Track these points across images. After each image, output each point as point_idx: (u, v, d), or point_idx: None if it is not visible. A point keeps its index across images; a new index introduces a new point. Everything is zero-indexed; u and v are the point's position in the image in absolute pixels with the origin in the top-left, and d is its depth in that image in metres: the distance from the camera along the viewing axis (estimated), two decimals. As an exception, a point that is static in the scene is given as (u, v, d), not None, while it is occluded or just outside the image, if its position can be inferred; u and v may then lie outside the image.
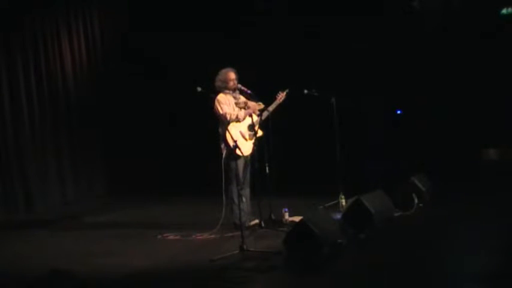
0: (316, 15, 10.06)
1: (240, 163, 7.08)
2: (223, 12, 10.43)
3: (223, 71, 7.22)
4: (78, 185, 10.30)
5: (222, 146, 7.01)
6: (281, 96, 7.30)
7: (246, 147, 7.03)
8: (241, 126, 7.13)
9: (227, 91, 7.18)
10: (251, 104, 7.19)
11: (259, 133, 7.20)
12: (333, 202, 7.83)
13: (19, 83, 9.41)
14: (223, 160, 6.95)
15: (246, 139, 7.10)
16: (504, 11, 9.95)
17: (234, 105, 7.18)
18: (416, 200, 7.49)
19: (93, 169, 10.61)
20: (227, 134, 6.82)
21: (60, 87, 10.09)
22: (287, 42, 10.17)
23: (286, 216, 7.26)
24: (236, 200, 6.86)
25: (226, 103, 7.11)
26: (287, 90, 7.32)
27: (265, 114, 7.23)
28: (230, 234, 6.78)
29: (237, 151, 6.79)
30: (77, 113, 10.31)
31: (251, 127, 7.15)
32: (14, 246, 7.22)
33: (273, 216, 7.25)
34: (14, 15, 9.27)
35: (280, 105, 7.29)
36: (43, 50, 9.82)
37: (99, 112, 10.64)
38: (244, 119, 7.14)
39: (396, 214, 7.23)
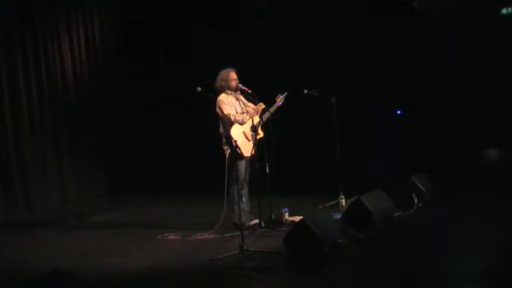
0: (316, 15, 10.05)
1: (242, 163, 7.08)
2: (224, 9, 10.44)
3: (225, 71, 7.21)
4: (78, 185, 10.29)
5: (226, 147, 7.00)
6: (280, 99, 7.28)
7: (248, 148, 7.02)
8: (244, 127, 7.13)
9: (229, 91, 7.17)
10: (253, 105, 7.19)
11: (260, 134, 7.19)
12: (333, 202, 7.84)
13: (19, 83, 9.40)
14: (226, 161, 6.95)
15: (248, 140, 7.10)
16: (504, 11, 9.94)
17: (236, 106, 7.18)
18: (416, 200, 7.49)
19: (93, 169, 10.62)
20: (231, 134, 6.82)
21: (60, 87, 10.09)
22: (287, 42, 10.17)
23: (286, 216, 7.25)
24: (237, 200, 6.87)
25: (228, 104, 7.11)
26: (286, 93, 7.31)
27: (266, 115, 7.23)
28: (230, 234, 6.78)
29: (239, 151, 6.80)
30: (77, 112, 10.30)
31: (253, 128, 7.15)
32: (14, 246, 7.22)
33: (273, 216, 7.25)
34: (14, 16, 9.27)
35: (279, 107, 7.29)
36: (43, 50, 9.81)
37: (99, 112, 10.63)
38: (248, 120, 7.14)
39: (396, 214, 7.23)
